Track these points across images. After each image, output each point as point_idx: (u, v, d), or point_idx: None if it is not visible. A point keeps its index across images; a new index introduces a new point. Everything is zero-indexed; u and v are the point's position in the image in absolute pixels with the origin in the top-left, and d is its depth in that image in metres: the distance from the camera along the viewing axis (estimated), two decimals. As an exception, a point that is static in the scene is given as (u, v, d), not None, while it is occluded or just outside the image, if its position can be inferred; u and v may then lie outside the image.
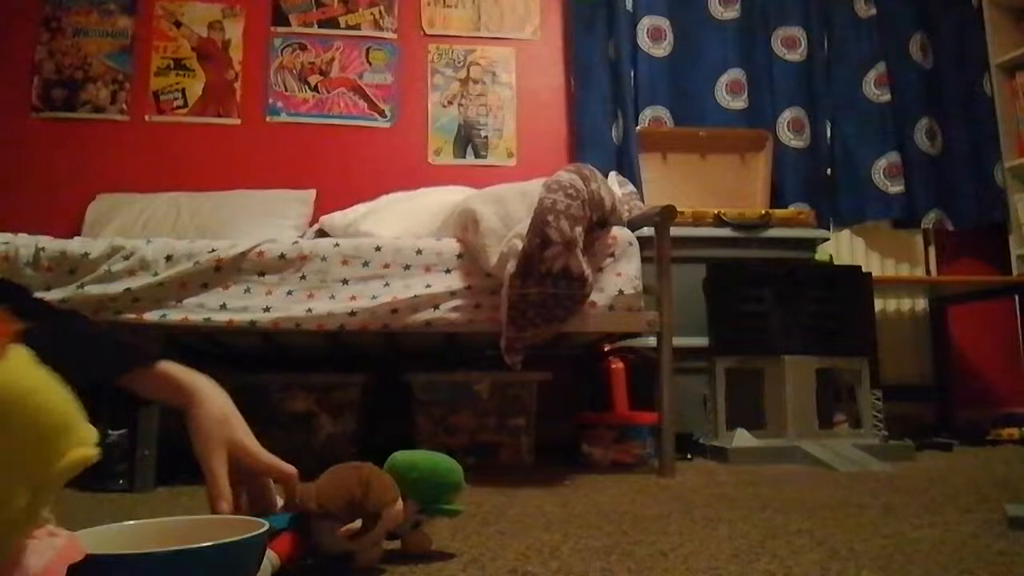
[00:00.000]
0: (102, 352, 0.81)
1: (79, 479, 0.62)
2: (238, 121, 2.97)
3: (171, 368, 0.82)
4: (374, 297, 1.75)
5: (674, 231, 2.39)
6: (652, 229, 1.93)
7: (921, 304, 3.12)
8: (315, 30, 3.06)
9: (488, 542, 1.06)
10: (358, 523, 0.84)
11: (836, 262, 2.95)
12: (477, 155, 3.05)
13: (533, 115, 3.11)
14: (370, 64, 3.06)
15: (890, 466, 1.95)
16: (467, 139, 3.06)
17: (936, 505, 1.35)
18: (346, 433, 1.99)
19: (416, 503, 0.96)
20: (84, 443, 0.51)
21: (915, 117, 3.16)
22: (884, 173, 3.06)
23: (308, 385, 1.98)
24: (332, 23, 3.07)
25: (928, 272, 3.16)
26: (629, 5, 3.07)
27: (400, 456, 0.96)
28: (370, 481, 0.87)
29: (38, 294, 1.66)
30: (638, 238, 1.88)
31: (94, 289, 1.68)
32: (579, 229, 1.64)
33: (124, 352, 0.82)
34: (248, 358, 2.37)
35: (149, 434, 1.66)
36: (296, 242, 1.80)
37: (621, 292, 1.80)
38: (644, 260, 1.89)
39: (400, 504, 0.89)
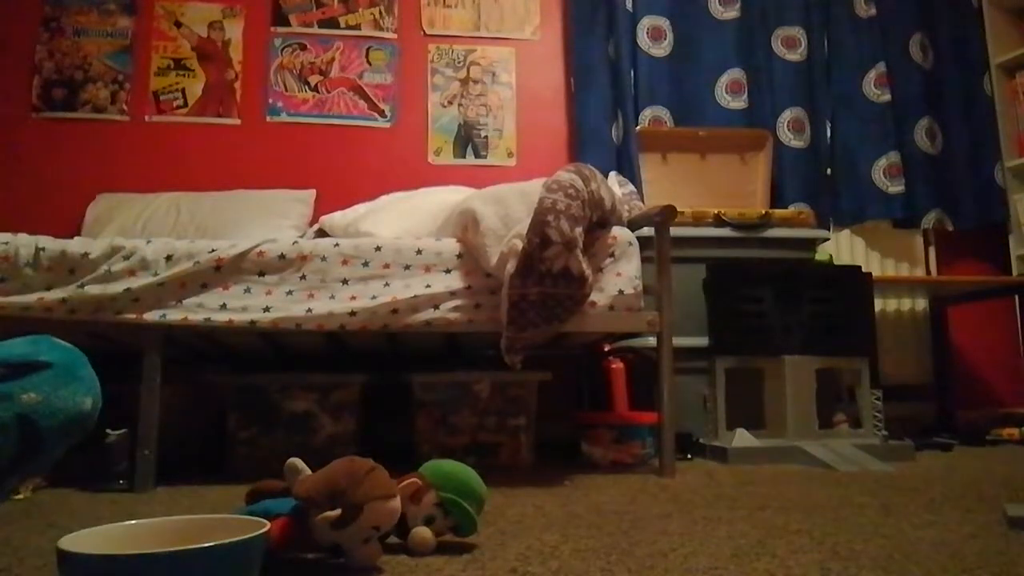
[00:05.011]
0: None
1: (79, 479, 0.61)
2: (238, 121, 2.97)
3: None
4: (374, 297, 1.75)
5: (674, 231, 2.39)
6: (652, 229, 1.93)
7: (921, 304, 3.12)
8: (315, 30, 3.06)
9: (488, 542, 1.06)
10: (337, 511, 0.85)
11: (836, 262, 2.95)
12: (477, 155, 3.05)
13: (533, 115, 3.11)
14: (370, 64, 3.06)
15: (890, 466, 1.95)
16: (467, 139, 3.06)
17: (936, 505, 1.35)
18: (346, 433, 1.99)
19: (436, 495, 0.98)
20: None
21: (915, 117, 3.16)
22: (884, 173, 3.06)
23: (308, 385, 1.98)
24: (332, 23, 3.07)
25: (928, 272, 3.16)
26: (629, 5, 3.07)
27: (439, 460, 1.07)
28: (359, 475, 0.88)
29: (38, 294, 1.67)
30: (638, 238, 1.88)
31: (94, 289, 1.68)
32: (579, 229, 1.64)
33: None
34: (248, 358, 2.37)
35: (149, 434, 1.66)
36: (296, 242, 1.80)
37: (621, 292, 1.80)
38: (644, 260, 1.89)
39: (393, 503, 0.90)
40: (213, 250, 1.75)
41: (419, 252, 1.80)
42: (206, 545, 0.62)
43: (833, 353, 2.30)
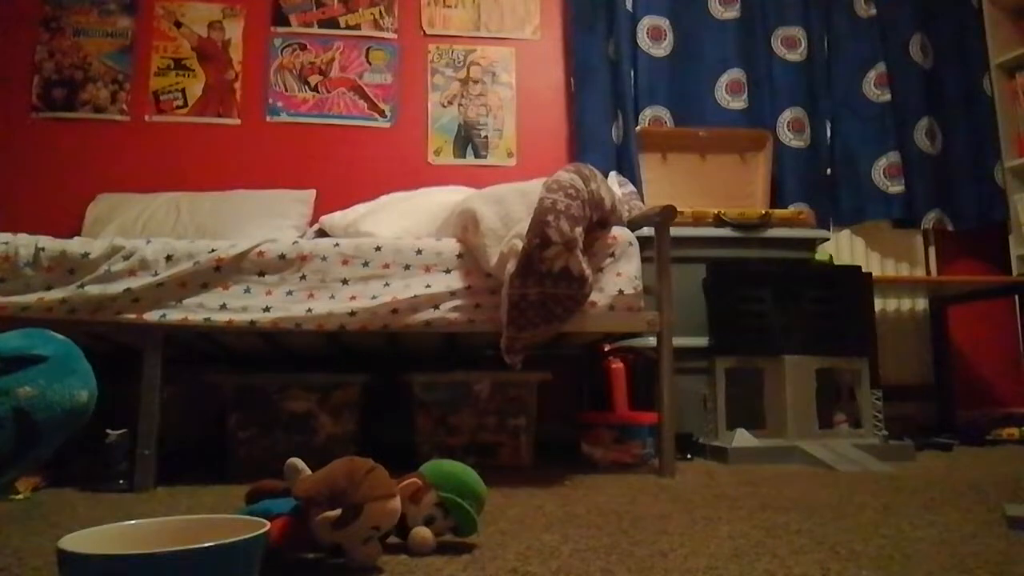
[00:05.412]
0: None
1: (80, 479, 0.62)
2: (238, 121, 2.97)
3: None
4: (374, 297, 1.75)
5: (674, 231, 2.39)
6: (652, 229, 1.93)
7: (921, 304, 3.12)
8: (315, 30, 3.06)
9: (488, 542, 1.06)
10: (337, 512, 0.85)
11: (836, 262, 2.95)
12: (477, 155, 3.05)
13: (533, 115, 3.11)
14: (370, 64, 3.06)
15: (890, 466, 1.95)
16: (467, 139, 3.06)
17: (936, 505, 1.35)
18: (346, 433, 1.99)
19: (436, 495, 0.99)
20: None
21: (915, 117, 3.16)
22: (884, 173, 3.06)
23: (308, 385, 1.98)
24: (332, 23, 3.07)
25: (928, 272, 3.16)
26: (629, 5, 3.07)
27: (439, 460, 1.07)
28: (359, 475, 0.88)
29: (38, 294, 1.67)
30: (638, 238, 1.88)
31: (94, 289, 1.68)
32: (579, 229, 1.64)
33: None
34: (248, 358, 2.37)
35: (149, 434, 1.66)
36: (296, 242, 1.80)
37: (621, 292, 1.80)
38: (644, 260, 1.89)
39: (393, 503, 0.90)
40: (213, 250, 1.75)
41: (419, 252, 1.80)
42: (206, 545, 0.62)
43: (833, 353, 2.30)
